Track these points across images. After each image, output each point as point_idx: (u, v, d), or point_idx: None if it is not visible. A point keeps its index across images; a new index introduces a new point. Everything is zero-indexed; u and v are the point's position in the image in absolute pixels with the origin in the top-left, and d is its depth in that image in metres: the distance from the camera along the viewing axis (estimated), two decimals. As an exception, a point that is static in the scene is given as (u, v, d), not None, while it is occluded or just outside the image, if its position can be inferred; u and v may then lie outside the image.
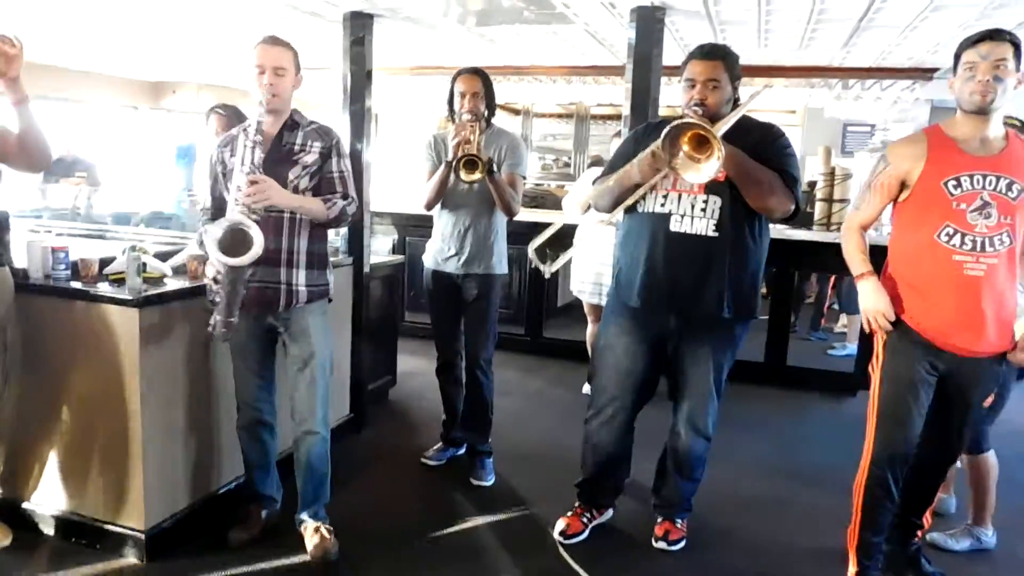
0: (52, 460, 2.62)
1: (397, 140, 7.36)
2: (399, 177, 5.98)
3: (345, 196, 2.50)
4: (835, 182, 4.87)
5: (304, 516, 2.65)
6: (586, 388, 4.65)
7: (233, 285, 2.28)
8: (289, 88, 2.45)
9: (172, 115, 7.98)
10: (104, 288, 2.47)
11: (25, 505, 2.66)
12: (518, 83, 6.59)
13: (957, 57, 2.22)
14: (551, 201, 8.10)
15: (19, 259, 2.55)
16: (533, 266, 2.63)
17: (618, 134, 4.42)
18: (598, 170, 4.64)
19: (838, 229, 4.91)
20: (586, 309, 4.59)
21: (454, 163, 3.00)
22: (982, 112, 2.18)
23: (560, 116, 9.59)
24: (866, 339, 4.67)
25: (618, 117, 8.28)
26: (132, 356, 2.41)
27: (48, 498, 2.64)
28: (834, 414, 4.56)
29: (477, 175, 2.98)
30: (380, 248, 5.22)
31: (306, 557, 2.57)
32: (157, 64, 6.91)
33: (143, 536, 2.51)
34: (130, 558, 2.53)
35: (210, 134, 4.32)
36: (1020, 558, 2.87)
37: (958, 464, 2.93)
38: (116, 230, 3.62)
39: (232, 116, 4.56)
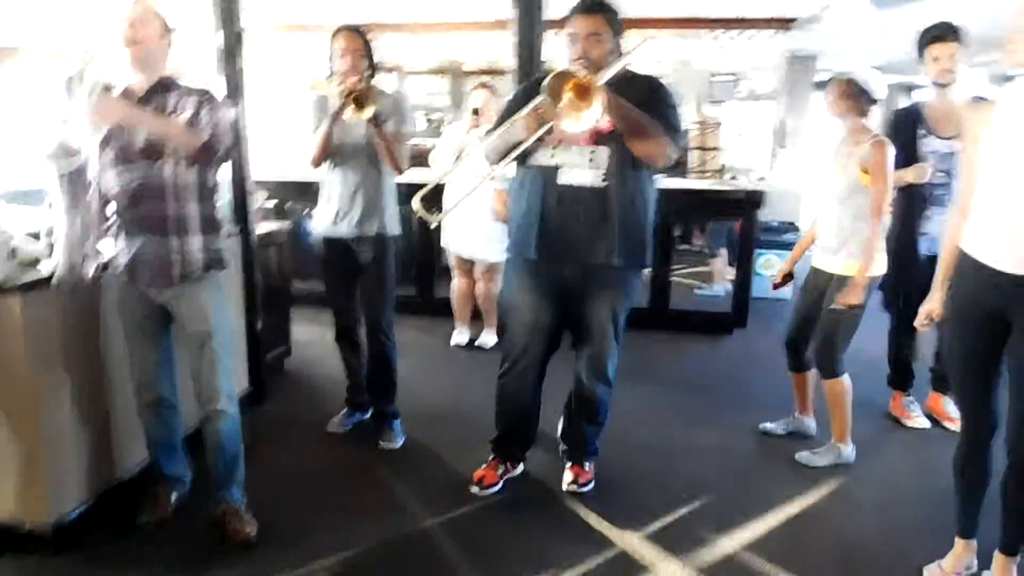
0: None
1: (269, 103, 7.06)
2: (273, 141, 5.76)
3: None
4: (707, 131, 5.13)
5: (221, 498, 2.56)
6: (454, 339, 4.84)
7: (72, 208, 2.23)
8: (153, 39, 2.30)
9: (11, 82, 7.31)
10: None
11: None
12: (392, 39, 6.45)
13: None
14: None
15: None
16: (419, 217, 2.61)
17: (481, 85, 4.50)
18: (459, 124, 4.73)
19: (711, 176, 5.21)
20: (454, 263, 4.76)
21: (343, 102, 2.93)
22: None
23: (435, 73, 9.47)
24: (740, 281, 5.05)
25: (493, 72, 8.37)
26: (18, 347, 2.27)
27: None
28: (713, 354, 4.90)
29: (368, 111, 2.92)
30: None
31: (222, 538, 2.50)
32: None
33: (50, 529, 2.41)
34: (38, 552, 2.41)
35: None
36: (875, 470, 3.20)
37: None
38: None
39: None
